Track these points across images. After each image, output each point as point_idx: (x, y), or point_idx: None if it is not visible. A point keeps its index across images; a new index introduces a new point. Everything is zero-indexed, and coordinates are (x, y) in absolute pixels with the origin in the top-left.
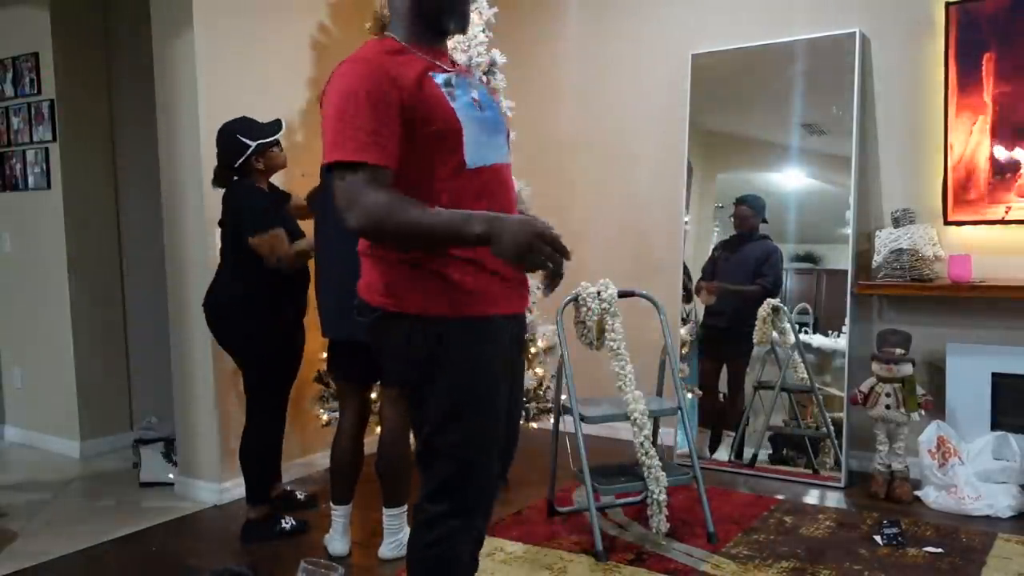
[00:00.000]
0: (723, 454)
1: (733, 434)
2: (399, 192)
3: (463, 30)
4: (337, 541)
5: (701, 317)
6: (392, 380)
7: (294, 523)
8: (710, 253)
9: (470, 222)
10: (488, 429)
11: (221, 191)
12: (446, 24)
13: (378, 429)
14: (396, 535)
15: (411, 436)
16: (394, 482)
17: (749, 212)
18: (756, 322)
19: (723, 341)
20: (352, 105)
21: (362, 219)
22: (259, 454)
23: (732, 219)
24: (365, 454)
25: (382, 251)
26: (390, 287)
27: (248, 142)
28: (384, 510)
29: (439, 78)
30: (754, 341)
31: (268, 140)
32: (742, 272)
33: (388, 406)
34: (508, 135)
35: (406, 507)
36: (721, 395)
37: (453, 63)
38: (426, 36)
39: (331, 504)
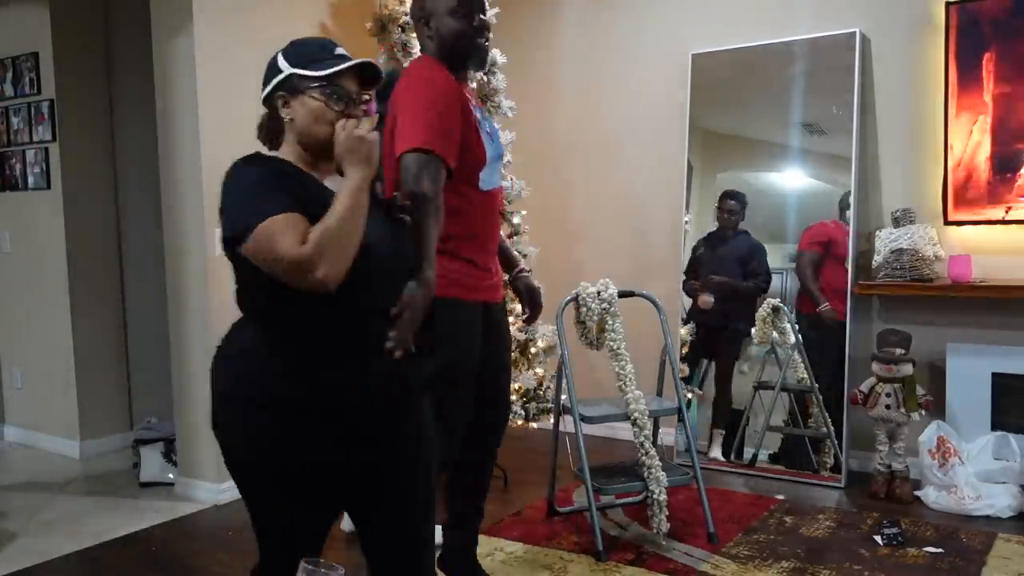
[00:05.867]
0: (715, 452)
1: (723, 432)
2: None
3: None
4: (347, 520)
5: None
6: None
7: None
8: (691, 252)
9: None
10: None
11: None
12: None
13: None
14: None
15: None
16: None
17: (737, 207)
18: (756, 322)
19: (711, 339)
20: None
21: None
22: None
23: (718, 212)
24: None
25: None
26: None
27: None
28: None
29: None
30: (754, 341)
31: None
32: (727, 268)
33: None
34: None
35: None
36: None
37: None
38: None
39: None
